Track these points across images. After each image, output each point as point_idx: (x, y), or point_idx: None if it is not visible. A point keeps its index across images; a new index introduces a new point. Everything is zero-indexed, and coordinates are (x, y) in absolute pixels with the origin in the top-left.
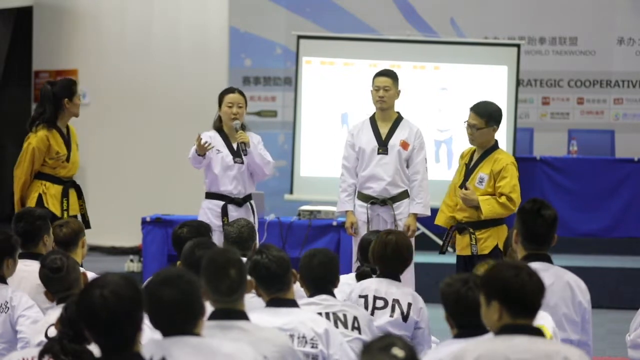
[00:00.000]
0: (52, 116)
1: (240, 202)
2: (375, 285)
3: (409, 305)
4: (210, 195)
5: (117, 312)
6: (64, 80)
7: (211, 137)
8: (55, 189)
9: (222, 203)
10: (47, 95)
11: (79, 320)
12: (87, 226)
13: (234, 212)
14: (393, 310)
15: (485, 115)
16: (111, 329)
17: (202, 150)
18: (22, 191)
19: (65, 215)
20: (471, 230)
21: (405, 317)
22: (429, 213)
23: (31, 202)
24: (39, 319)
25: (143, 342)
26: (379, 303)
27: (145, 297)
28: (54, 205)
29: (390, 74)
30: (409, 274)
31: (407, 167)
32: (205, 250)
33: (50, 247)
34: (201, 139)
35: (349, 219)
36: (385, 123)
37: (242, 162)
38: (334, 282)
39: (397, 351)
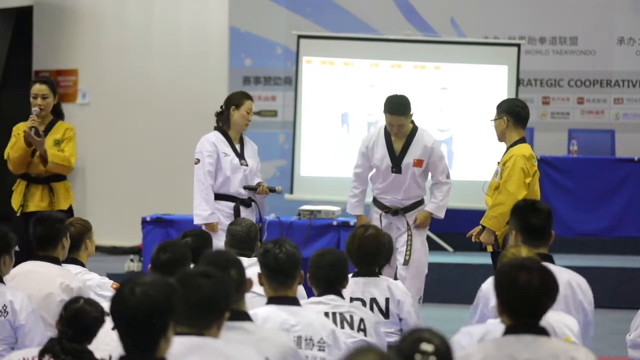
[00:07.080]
0: None
1: (248, 203)
2: (352, 286)
3: (387, 300)
4: (219, 197)
5: (146, 313)
6: None
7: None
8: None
9: (232, 204)
10: None
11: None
12: None
13: (242, 213)
14: (372, 310)
15: (499, 106)
16: (136, 328)
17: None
18: None
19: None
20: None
21: (385, 314)
22: (441, 215)
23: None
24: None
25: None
26: (357, 304)
27: None
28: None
29: (403, 112)
30: (409, 275)
31: (430, 173)
32: (169, 254)
33: (67, 250)
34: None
35: (360, 221)
36: (399, 139)
37: (247, 165)
38: (342, 283)
39: (426, 346)
